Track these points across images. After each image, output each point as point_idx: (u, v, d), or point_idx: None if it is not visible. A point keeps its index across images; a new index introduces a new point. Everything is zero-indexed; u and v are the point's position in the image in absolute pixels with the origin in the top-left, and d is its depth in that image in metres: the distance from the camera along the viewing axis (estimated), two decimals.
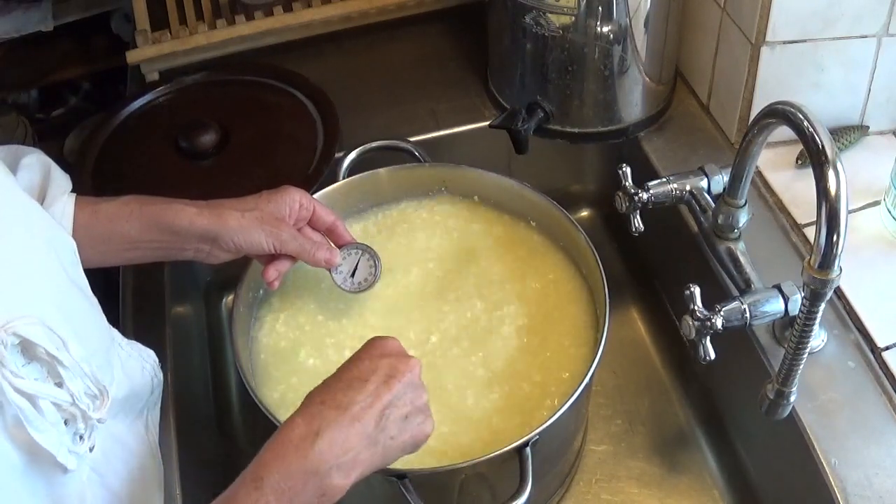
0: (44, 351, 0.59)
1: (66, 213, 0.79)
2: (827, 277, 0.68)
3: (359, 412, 0.66)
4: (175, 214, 0.81)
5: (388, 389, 0.68)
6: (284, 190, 0.86)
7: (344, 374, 0.69)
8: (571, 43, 1.05)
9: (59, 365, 0.60)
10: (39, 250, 0.66)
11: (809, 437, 0.82)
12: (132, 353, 0.78)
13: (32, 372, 0.59)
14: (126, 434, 0.75)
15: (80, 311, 0.69)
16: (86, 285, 0.72)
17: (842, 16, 0.98)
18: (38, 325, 0.59)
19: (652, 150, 1.13)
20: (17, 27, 1.54)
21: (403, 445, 0.69)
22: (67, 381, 0.61)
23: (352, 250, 0.91)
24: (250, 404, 0.80)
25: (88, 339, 0.67)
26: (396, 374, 0.69)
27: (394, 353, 0.71)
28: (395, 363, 0.70)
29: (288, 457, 0.63)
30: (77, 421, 0.63)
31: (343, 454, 0.64)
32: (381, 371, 0.69)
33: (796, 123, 0.71)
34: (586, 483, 0.99)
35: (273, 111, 1.17)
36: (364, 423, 0.66)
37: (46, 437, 0.59)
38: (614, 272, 1.21)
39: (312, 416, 0.65)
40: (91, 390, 0.64)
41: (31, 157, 0.80)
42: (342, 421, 0.65)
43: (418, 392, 0.70)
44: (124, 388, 0.74)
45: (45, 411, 0.59)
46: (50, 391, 0.60)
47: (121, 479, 0.71)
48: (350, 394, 0.67)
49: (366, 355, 0.71)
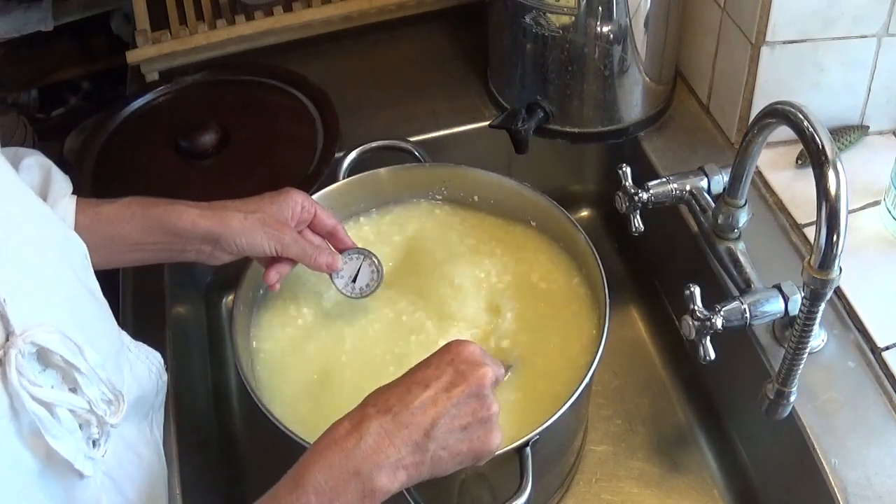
0: (60, 358, 0.58)
1: (68, 215, 0.78)
2: (827, 277, 0.68)
3: (408, 418, 0.64)
4: (178, 216, 0.81)
5: (448, 398, 0.66)
6: (286, 192, 0.86)
7: (408, 378, 0.68)
8: (571, 43, 1.05)
9: (76, 371, 0.60)
10: (51, 254, 0.66)
11: (809, 437, 0.82)
12: (140, 356, 0.78)
13: (49, 379, 0.59)
14: (135, 437, 0.75)
15: (92, 316, 0.68)
16: (97, 288, 0.72)
17: (842, 16, 0.98)
18: (55, 332, 0.58)
19: (652, 150, 1.13)
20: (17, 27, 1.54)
21: (460, 456, 0.67)
22: (84, 387, 0.60)
23: (353, 255, 0.91)
24: (250, 404, 0.80)
25: (101, 343, 0.67)
26: (461, 382, 0.67)
27: (466, 359, 0.69)
28: (463, 370, 0.67)
29: (330, 456, 0.62)
30: (91, 426, 0.63)
31: (387, 458, 0.63)
32: (445, 378, 0.67)
33: (796, 123, 0.71)
34: (586, 483, 0.99)
35: (273, 111, 1.17)
36: (412, 429, 0.64)
37: (63, 444, 0.58)
38: (614, 272, 1.21)
39: (361, 419, 0.65)
40: (107, 396, 0.63)
41: (30, 160, 0.80)
42: (388, 425, 0.64)
43: (484, 403, 0.68)
44: (134, 391, 0.74)
45: (61, 418, 0.58)
46: (67, 398, 0.59)
47: (132, 482, 0.71)
48: (406, 398, 0.65)
49: (435, 360, 0.69)
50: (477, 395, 0.67)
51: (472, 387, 0.67)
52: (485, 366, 0.69)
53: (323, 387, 0.86)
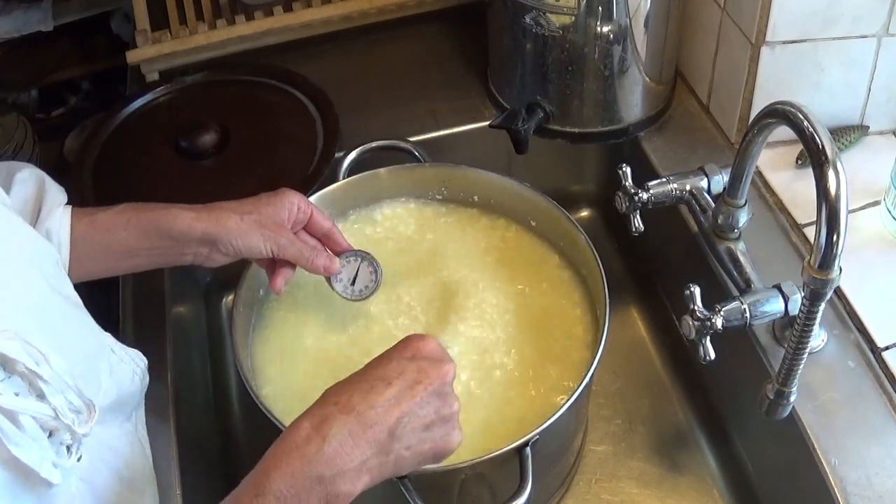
0: (23, 366, 0.58)
1: (63, 224, 0.78)
2: (827, 277, 0.68)
3: (373, 418, 0.62)
4: (173, 219, 0.80)
5: (411, 396, 0.64)
6: (282, 193, 0.86)
7: (368, 373, 0.66)
8: (571, 43, 1.05)
9: (39, 380, 0.59)
10: (18, 262, 0.65)
11: (809, 437, 0.82)
12: (124, 358, 0.77)
13: (12, 386, 0.58)
14: (115, 438, 0.74)
15: (62, 321, 0.68)
16: (71, 293, 0.71)
17: (842, 16, 0.98)
18: (15, 339, 0.58)
19: (652, 150, 1.13)
20: (17, 27, 1.54)
21: (421, 456, 0.65)
22: (49, 395, 0.60)
23: (351, 257, 0.91)
24: (250, 404, 0.80)
25: (72, 349, 0.66)
26: (424, 379, 0.65)
27: (427, 355, 0.67)
28: (425, 367, 0.66)
29: (292, 462, 0.60)
30: (62, 433, 0.62)
31: (350, 461, 0.61)
32: (408, 375, 0.65)
33: (796, 123, 0.71)
34: (586, 483, 0.99)
35: (273, 111, 1.17)
36: (376, 430, 0.62)
37: (26, 452, 0.57)
38: (614, 272, 1.21)
39: (322, 419, 0.62)
40: (74, 404, 0.62)
41: (24, 172, 0.80)
42: (353, 426, 0.62)
43: (446, 401, 0.66)
44: (113, 394, 0.73)
45: (25, 427, 0.58)
46: (30, 406, 0.58)
47: (110, 486, 0.70)
48: (368, 397, 0.63)
49: (396, 354, 0.67)
50: (439, 392, 0.66)
51: (436, 384, 0.65)
52: (447, 362, 0.67)
53: (323, 387, 0.86)
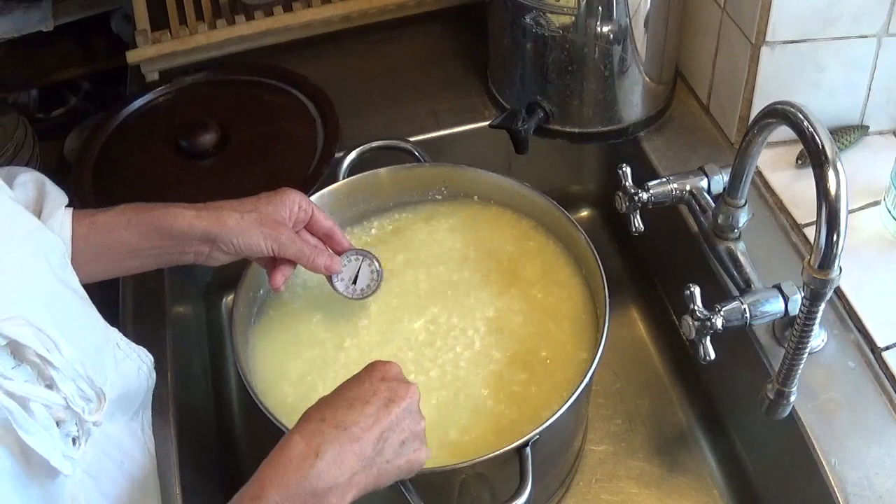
0: (33, 352, 0.59)
1: (64, 226, 0.78)
2: (827, 277, 0.68)
3: (359, 433, 0.66)
4: (174, 218, 0.81)
5: (388, 413, 0.68)
6: (283, 192, 0.86)
7: (344, 394, 0.70)
8: (571, 43, 1.05)
9: (50, 367, 0.60)
10: (26, 252, 0.66)
11: (809, 437, 0.82)
12: (130, 354, 0.77)
13: (23, 374, 0.59)
14: (122, 435, 0.75)
15: (71, 312, 0.68)
16: (77, 286, 0.72)
17: (842, 16, 0.98)
18: (27, 326, 0.59)
19: (652, 150, 1.13)
20: (17, 27, 1.54)
21: (399, 470, 0.69)
22: (59, 383, 0.60)
23: (352, 257, 0.91)
24: (250, 404, 0.80)
25: (82, 339, 0.67)
26: (396, 398, 0.69)
27: (394, 378, 0.72)
28: (395, 388, 0.70)
29: (287, 476, 0.63)
30: (70, 423, 0.62)
31: (341, 475, 0.65)
32: (382, 395, 0.69)
33: (796, 123, 0.71)
34: (586, 483, 0.99)
35: (273, 111, 1.17)
36: (363, 444, 0.66)
37: (38, 440, 0.58)
38: (614, 272, 1.21)
39: (312, 434, 0.65)
40: (85, 393, 0.63)
41: (24, 176, 0.80)
42: (342, 441, 0.65)
43: (416, 418, 0.71)
44: (118, 388, 0.74)
45: (36, 414, 0.58)
46: (41, 393, 0.59)
47: (114, 481, 0.71)
48: (351, 414, 0.67)
49: (366, 377, 0.71)
50: (410, 410, 0.70)
51: (406, 402, 0.70)
52: (412, 384, 0.72)
53: (323, 387, 0.86)
